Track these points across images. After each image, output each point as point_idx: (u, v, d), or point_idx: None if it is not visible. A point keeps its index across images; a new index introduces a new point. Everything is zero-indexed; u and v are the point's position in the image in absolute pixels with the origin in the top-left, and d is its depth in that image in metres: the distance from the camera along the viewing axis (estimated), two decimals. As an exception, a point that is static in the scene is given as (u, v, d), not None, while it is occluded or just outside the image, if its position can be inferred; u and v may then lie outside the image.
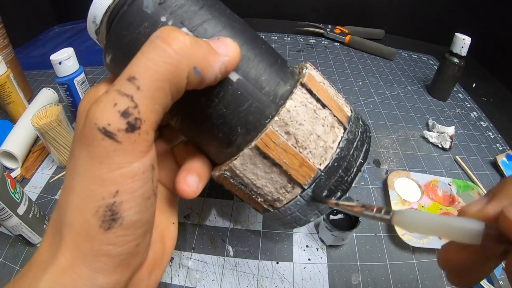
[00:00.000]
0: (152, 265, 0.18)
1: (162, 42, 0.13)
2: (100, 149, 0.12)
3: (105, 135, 0.12)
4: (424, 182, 0.44)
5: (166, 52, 0.13)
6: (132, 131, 0.13)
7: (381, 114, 0.59)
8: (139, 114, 0.13)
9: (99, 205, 0.13)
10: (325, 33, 0.84)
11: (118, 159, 0.13)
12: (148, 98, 0.13)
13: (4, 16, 0.54)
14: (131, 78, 0.13)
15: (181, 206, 0.40)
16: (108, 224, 0.13)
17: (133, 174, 0.13)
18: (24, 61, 0.60)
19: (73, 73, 0.45)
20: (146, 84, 0.13)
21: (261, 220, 0.39)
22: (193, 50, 0.14)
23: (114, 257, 0.14)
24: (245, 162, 0.19)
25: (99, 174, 0.13)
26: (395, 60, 0.78)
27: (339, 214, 0.37)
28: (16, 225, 0.32)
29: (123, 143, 0.13)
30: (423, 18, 0.89)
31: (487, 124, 0.60)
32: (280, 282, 0.33)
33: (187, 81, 0.14)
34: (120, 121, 0.12)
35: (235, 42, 0.16)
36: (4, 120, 0.52)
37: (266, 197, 0.21)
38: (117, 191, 0.13)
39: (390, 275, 0.35)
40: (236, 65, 0.16)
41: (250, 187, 0.20)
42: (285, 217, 0.22)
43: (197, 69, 0.14)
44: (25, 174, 0.44)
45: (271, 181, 0.20)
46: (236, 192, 0.22)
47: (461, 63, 0.59)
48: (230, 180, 0.20)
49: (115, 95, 0.13)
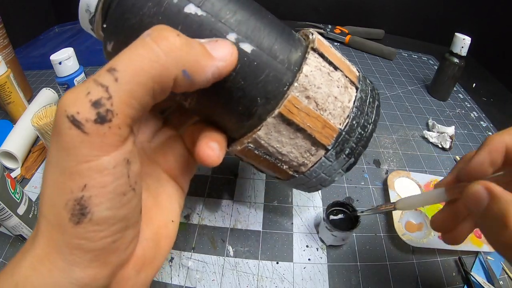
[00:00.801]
0: (141, 264, 0.17)
1: (151, 40, 0.13)
2: (67, 139, 0.12)
3: (72, 124, 0.12)
4: (424, 182, 0.44)
5: (154, 50, 0.13)
6: (101, 123, 0.12)
7: (381, 114, 0.59)
8: (111, 106, 0.12)
9: (68, 198, 0.12)
10: (325, 33, 0.84)
11: (85, 151, 0.12)
12: (125, 92, 0.12)
13: (4, 16, 0.53)
14: (111, 69, 0.12)
15: (181, 206, 0.40)
16: (78, 218, 0.13)
17: (102, 169, 0.12)
18: (24, 61, 0.60)
19: (73, 73, 0.45)
20: (125, 77, 0.12)
21: (261, 220, 0.39)
22: (183, 52, 0.13)
23: (87, 252, 0.13)
24: (270, 131, 0.19)
25: (67, 166, 0.12)
26: (395, 60, 0.78)
27: (339, 214, 0.37)
28: (16, 225, 0.32)
29: (91, 135, 0.12)
30: (423, 18, 0.89)
31: (487, 124, 0.60)
32: (280, 282, 0.33)
33: (174, 82, 0.14)
34: (89, 111, 0.12)
35: (233, 45, 0.16)
36: (4, 120, 0.52)
37: (292, 163, 0.21)
38: (85, 185, 0.12)
39: (390, 275, 0.35)
40: (231, 70, 0.16)
41: (275, 156, 0.20)
42: (310, 181, 0.22)
43: (187, 72, 0.14)
44: (25, 174, 0.44)
45: (296, 147, 0.20)
46: (260, 164, 0.21)
47: (461, 63, 0.59)
48: (254, 151, 0.20)
49: (91, 83, 0.12)
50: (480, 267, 0.36)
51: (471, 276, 0.34)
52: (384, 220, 0.40)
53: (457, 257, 0.36)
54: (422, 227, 0.39)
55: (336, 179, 0.23)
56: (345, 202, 0.36)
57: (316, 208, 0.41)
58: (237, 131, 0.21)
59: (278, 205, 0.41)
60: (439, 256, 0.37)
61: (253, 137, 0.19)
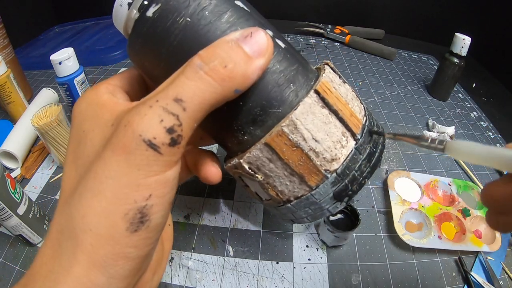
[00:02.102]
0: (155, 267, 0.18)
1: (205, 74, 0.14)
2: (142, 158, 0.14)
3: (149, 147, 0.13)
4: (424, 182, 0.44)
5: (211, 84, 0.14)
6: (173, 146, 0.14)
7: (381, 114, 0.59)
8: (181, 132, 0.14)
9: (130, 207, 0.14)
10: (325, 33, 0.84)
11: (156, 167, 0.14)
12: (191, 118, 0.14)
13: (4, 16, 0.54)
14: (178, 100, 0.14)
15: (181, 206, 0.40)
16: (136, 226, 0.14)
17: (166, 180, 0.14)
18: (24, 61, 0.60)
19: (73, 73, 0.45)
20: (191, 107, 0.14)
21: (261, 220, 0.39)
22: (234, 77, 0.15)
23: (132, 260, 0.14)
24: (306, 111, 0.19)
25: (135, 180, 0.14)
26: (395, 60, 0.78)
27: (339, 215, 0.37)
28: (16, 225, 0.32)
29: (164, 155, 0.14)
30: (423, 18, 0.89)
31: (487, 124, 0.60)
32: (280, 282, 0.33)
33: (227, 100, 0.16)
34: (165, 136, 0.14)
35: (267, 34, 0.16)
36: (4, 120, 0.52)
37: (325, 156, 0.20)
38: (150, 195, 0.14)
39: (390, 275, 0.35)
40: (269, 62, 0.17)
41: (309, 144, 0.19)
42: (342, 182, 0.21)
43: (238, 89, 0.15)
44: (25, 174, 0.44)
45: (329, 133, 0.20)
46: (290, 157, 0.20)
47: (461, 63, 0.59)
48: (289, 137, 0.19)
49: (161, 112, 0.14)
50: (480, 267, 0.36)
51: (471, 276, 0.34)
52: (384, 220, 0.40)
53: (457, 257, 0.36)
54: (422, 227, 0.39)
55: (367, 180, 0.21)
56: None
57: (316, 208, 0.41)
58: (258, 125, 0.20)
59: (278, 205, 0.41)
60: (439, 256, 0.37)
61: (290, 118, 0.19)
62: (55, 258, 0.14)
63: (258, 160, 0.20)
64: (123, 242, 0.14)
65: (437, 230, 0.38)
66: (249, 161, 0.20)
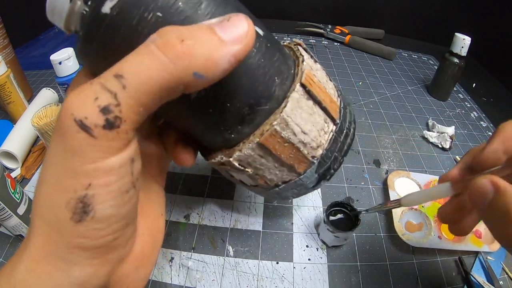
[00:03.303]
0: (140, 259, 0.17)
1: (157, 48, 0.12)
2: (74, 141, 0.12)
3: (80, 128, 0.12)
4: (424, 182, 0.44)
5: (161, 60, 0.12)
6: (110, 129, 0.12)
7: (381, 114, 0.59)
8: (120, 113, 0.12)
9: (70, 196, 0.12)
10: (325, 33, 0.84)
11: (92, 153, 0.12)
12: (133, 99, 0.12)
13: (4, 16, 0.53)
14: (118, 76, 0.12)
15: (181, 206, 0.40)
16: (79, 216, 0.13)
17: (108, 169, 0.13)
18: (24, 61, 0.60)
19: (73, 73, 0.45)
20: (133, 85, 0.12)
21: (261, 220, 0.39)
22: (191, 56, 0.12)
23: (87, 250, 0.13)
24: (294, 107, 0.19)
25: (72, 167, 0.12)
26: (395, 60, 0.78)
27: (338, 214, 0.37)
28: (16, 225, 0.32)
29: (99, 139, 0.12)
30: (423, 18, 0.89)
31: (487, 124, 0.60)
32: (280, 282, 0.33)
33: (186, 86, 0.13)
34: (98, 117, 0.12)
35: (249, 20, 0.13)
36: (4, 120, 0.52)
37: (312, 145, 0.21)
38: (90, 184, 0.12)
39: (390, 275, 0.35)
40: (250, 49, 0.14)
41: (299, 137, 0.20)
42: (326, 164, 0.23)
43: (198, 73, 0.13)
44: (25, 174, 0.44)
45: (314, 123, 0.21)
46: (282, 152, 0.20)
47: (461, 63, 0.59)
48: (281, 135, 0.19)
49: (98, 88, 0.12)
50: (480, 267, 0.36)
51: (471, 276, 0.34)
52: (384, 220, 0.40)
53: (457, 257, 0.36)
54: (422, 227, 0.39)
55: (342, 160, 0.24)
56: (344, 202, 0.36)
57: (316, 208, 0.41)
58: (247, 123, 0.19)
59: (278, 205, 0.41)
60: (439, 256, 0.37)
61: (280, 115, 0.19)
62: (25, 240, 0.14)
63: (250, 157, 0.20)
64: (70, 232, 0.13)
65: (437, 230, 0.38)
66: (239, 159, 0.20)
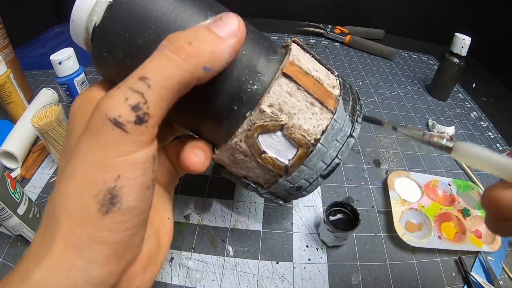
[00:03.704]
0: (147, 260, 0.18)
1: (170, 52, 0.14)
2: (109, 137, 0.14)
3: (115, 125, 0.13)
4: (424, 182, 0.44)
5: (176, 61, 0.14)
6: (140, 124, 0.14)
7: (381, 114, 0.59)
8: (148, 109, 0.14)
9: (100, 188, 0.14)
10: (325, 33, 0.84)
11: (124, 147, 0.14)
12: (157, 96, 0.14)
13: (4, 16, 0.53)
14: (142, 78, 0.14)
15: (181, 206, 0.40)
16: (107, 207, 0.14)
17: (136, 162, 0.14)
18: (24, 61, 0.60)
19: (73, 73, 0.45)
20: (156, 84, 0.14)
21: (261, 220, 0.39)
22: (199, 54, 0.15)
23: (109, 245, 0.14)
24: (297, 52, 0.20)
25: (104, 160, 0.14)
26: (395, 60, 0.78)
27: (338, 214, 0.37)
28: (16, 225, 0.32)
29: (131, 134, 0.14)
30: (423, 18, 0.89)
31: (487, 124, 0.60)
32: (280, 282, 0.33)
33: (198, 79, 0.15)
34: (130, 114, 0.14)
35: (237, 16, 0.16)
36: (4, 120, 0.52)
37: (327, 82, 0.21)
38: (119, 176, 0.14)
39: (390, 275, 0.35)
40: (243, 41, 0.17)
41: (313, 73, 0.21)
42: (349, 102, 0.22)
43: (207, 67, 0.15)
44: (25, 174, 0.44)
45: (320, 69, 0.21)
46: (306, 83, 0.20)
47: (461, 63, 0.59)
48: (299, 65, 0.20)
49: (127, 90, 0.14)
50: (480, 267, 0.36)
51: (471, 276, 0.34)
52: (384, 220, 0.40)
53: (457, 257, 0.36)
54: (422, 227, 0.39)
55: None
56: (344, 202, 0.36)
57: (316, 208, 0.41)
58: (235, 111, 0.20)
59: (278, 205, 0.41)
60: (439, 256, 0.37)
61: (290, 55, 0.20)
62: (41, 242, 0.14)
63: (280, 97, 0.19)
64: (96, 224, 0.14)
65: (437, 230, 0.38)
66: (270, 102, 0.19)
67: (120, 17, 0.17)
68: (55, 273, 0.13)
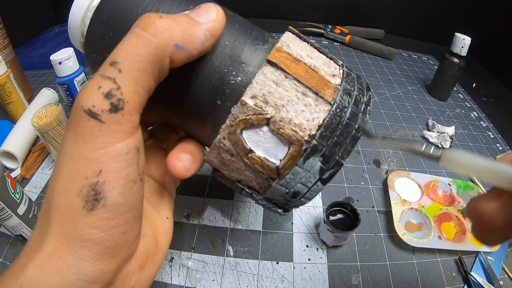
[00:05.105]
0: (144, 259, 0.17)
1: (140, 29, 0.14)
2: (86, 129, 0.13)
3: (90, 116, 0.13)
4: (424, 182, 0.44)
5: (144, 37, 0.14)
6: (115, 112, 0.13)
7: (381, 114, 0.59)
8: (121, 95, 0.13)
9: (82, 184, 0.13)
10: (325, 33, 0.84)
11: (102, 138, 0.13)
12: (130, 79, 0.13)
13: (4, 16, 0.53)
14: (113, 63, 0.13)
15: (181, 206, 0.40)
16: (91, 204, 0.13)
17: (116, 154, 0.13)
18: (24, 61, 0.60)
19: (73, 73, 0.45)
20: (127, 66, 0.13)
21: (261, 220, 0.39)
22: (169, 29, 0.14)
23: (98, 243, 0.14)
24: (289, 39, 0.19)
25: (83, 153, 0.13)
26: (395, 60, 0.78)
27: (338, 214, 0.37)
28: (16, 225, 0.32)
29: (107, 123, 0.13)
30: (423, 18, 0.89)
31: (487, 124, 0.60)
32: (280, 282, 0.33)
33: (171, 59, 0.15)
34: (103, 102, 0.13)
35: (216, 5, 0.16)
36: (4, 120, 0.52)
37: (325, 70, 0.19)
38: (100, 170, 0.13)
39: (390, 275, 0.35)
40: (222, 27, 0.16)
41: (306, 60, 0.19)
42: (353, 92, 0.18)
43: (179, 45, 0.14)
44: (25, 174, 0.44)
45: (318, 57, 0.20)
46: (296, 71, 0.18)
47: (461, 63, 0.59)
48: (287, 51, 0.18)
49: (99, 78, 0.13)
50: (480, 267, 0.36)
51: (471, 276, 0.34)
52: (384, 220, 0.40)
53: (457, 257, 0.36)
54: (422, 227, 0.39)
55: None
56: (344, 202, 0.36)
57: (316, 208, 0.41)
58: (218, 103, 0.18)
59: (278, 205, 0.41)
60: (439, 256, 0.37)
61: (280, 42, 0.19)
62: (36, 239, 0.14)
63: (264, 86, 0.17)
64: (83, 222, 0.13)
65: (437, 230, 0.38)
66: (253, 93, 0.17)
67: (104, 18, 0.17)
68: (48, 270, 0.13)
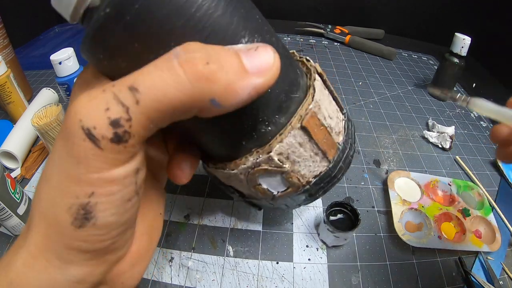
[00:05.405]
0: (136, 258, 0.17)
1: (178, 64, 0.11)
2: (80, 148, 0.11)
3: (87, 137, 0.11)
4: (424, 182, 0.44)
5: (180, 78, 0.11)
6: (117, 143, 0.11)
7: (381, 114, 0.59)
8: (130, 128, 0.11)
9: (72, 202, 0.12)
10: (325, 33, 0.84)
11: (97, 164, 0.12)
12: (145, 115, 0.11)
13: (4, 16, 0.53)
14: (132, 88, 0.11)
15: (181, 206, 0.40)
16: (80, 222, 0.12)
17: (112, 179, 0.12)
18: (24, 61, 0.60)
19: (73, 73, 0.45)
20: (146, 102, 0.11)
21: (261, 220, 0.39)
22: (212, 81, 0.11)
23: (86, 252, 0.13)
24: (320, 93, 0.20)
25: (76, 173, 0.12)
26: (395, 60, 0.78)
27: (338, 214, 0.37)
28: (16, 225, 0.32)
29: (105, 151, 0.11)
30: (423, 18, 0.89)
31: (487, 124, 0.60)
32: (280, 282, 0.33)
33: (200, 110, 0.12)
34: (107, 129, 0.11)
35: (276, 53, 0.13)
36: (4, 120, 0.52)
37: (335, 130, 0.22)
38: (93, 192, 0.12)
39: (390, 275, 0.35)
40: (271, 84, 0.13)
41: (328, 121, 0.21)
42: (346, 150, 0.23)
43: (216, 101, 0.12)
44: (25, 174, 0.44)
45: (333, 110, 0.22)
46: (319, 137, 0.20)
47: (461, 63, 0.59)
48: (318, 116, 0.20)
49: (111, 99, 0.11)
50: (480, 267, 0.36)
51: (471, 276, 0.34)
52: (384, 220, 0.40)
53: (457, 257, 0.36)
54: (422, 227, 0.39)
55: None
56: (344, 202, 0.36)
57: (316, 208, 0.41)
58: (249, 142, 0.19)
59: (278, 205, 0.41)
60: (439, 256, 0.37)
61: (314, 100, 0.19)
62: (25, 236, 0.14)
63: (290, 147, 0.19)
64: (70, 235, 0.13)
65: (437, 230, 0.38)
66: (280, 151, 0.18)
67: (128, 20, 0.13)
68: (34, 268, 0.13)
